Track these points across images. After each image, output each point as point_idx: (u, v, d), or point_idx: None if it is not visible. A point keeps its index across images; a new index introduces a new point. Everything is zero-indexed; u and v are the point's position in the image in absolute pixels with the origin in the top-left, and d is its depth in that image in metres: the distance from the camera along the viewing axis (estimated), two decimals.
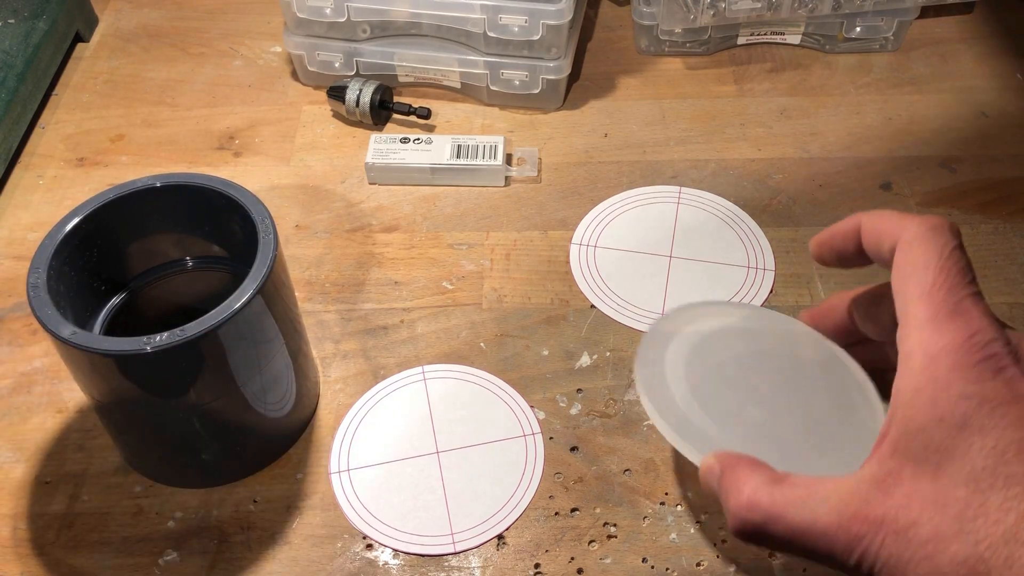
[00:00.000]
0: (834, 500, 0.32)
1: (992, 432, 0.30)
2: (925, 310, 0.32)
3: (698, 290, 0.57)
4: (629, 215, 0.62)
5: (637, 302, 0.56)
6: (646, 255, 0.59)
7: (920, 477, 0.31)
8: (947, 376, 0.31)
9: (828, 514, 0.32)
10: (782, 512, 0.33)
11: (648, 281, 0.58)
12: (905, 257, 0.34)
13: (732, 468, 0.36)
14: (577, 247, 0.60)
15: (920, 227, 0.34)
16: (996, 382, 0.30)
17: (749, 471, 0.35)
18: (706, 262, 0.59)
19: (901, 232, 0.35)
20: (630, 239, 0.60)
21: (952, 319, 0.31)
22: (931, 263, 0.33)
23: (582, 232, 0.61)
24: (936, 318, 0.32)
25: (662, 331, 0.46)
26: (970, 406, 0.30)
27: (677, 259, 0.59)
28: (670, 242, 0.60)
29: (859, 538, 0.31)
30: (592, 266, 0.59)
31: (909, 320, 0.33)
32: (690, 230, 0.61)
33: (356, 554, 0.47)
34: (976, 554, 0.29)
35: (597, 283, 0.58)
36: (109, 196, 0.46)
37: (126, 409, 0.45)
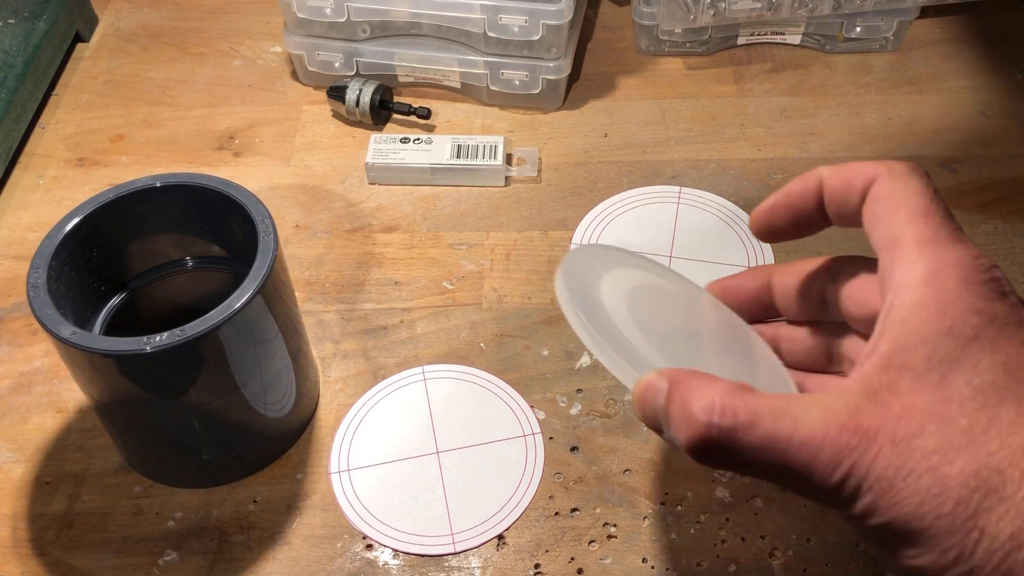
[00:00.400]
0: (819, 409, 0.28)
1: (1003, 348, 0.28)
2: (924, 230, 0.30)
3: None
4: (629, 215, 0.62)
5: None
6: (647, 255, 0.59)
7: (920, 389, 0.28)
8: (956, 288, 0.29)
9: (812, 423, 0.28)
10: (756, 418, 0.28)
11: None
12: (888, 188, 0.32)
13: (684, 379, 0.30)
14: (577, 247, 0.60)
15: (898, 165, 0.32)
16: (1004, 303, 0.29)
17: (709, 380, 0.30)
18: (706, 262, 0.59)
19: (876, 172, 0.32)
20: (630, 239, 0.60)
21: (954, 242, 0.30)
22: (921, 192, 0.31)
23: (582, 232, 0.61)
24: (937, 238, 0.30)
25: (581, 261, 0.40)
26: (980, 321, 0.28)
27: (677, 259, 0.59)
28: (670, 242, 0.60)
29: (848, 449, 0.28)
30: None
31: (904, 241, 0.30)
32: (690, 230, 0.61)
33: (356, 554, 0.47)
34: (990, 465, 0.26)
35: None
36: (109, 196, 0.46)
37: (126, 409, 0.45)
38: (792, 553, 0.46)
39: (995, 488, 0.26)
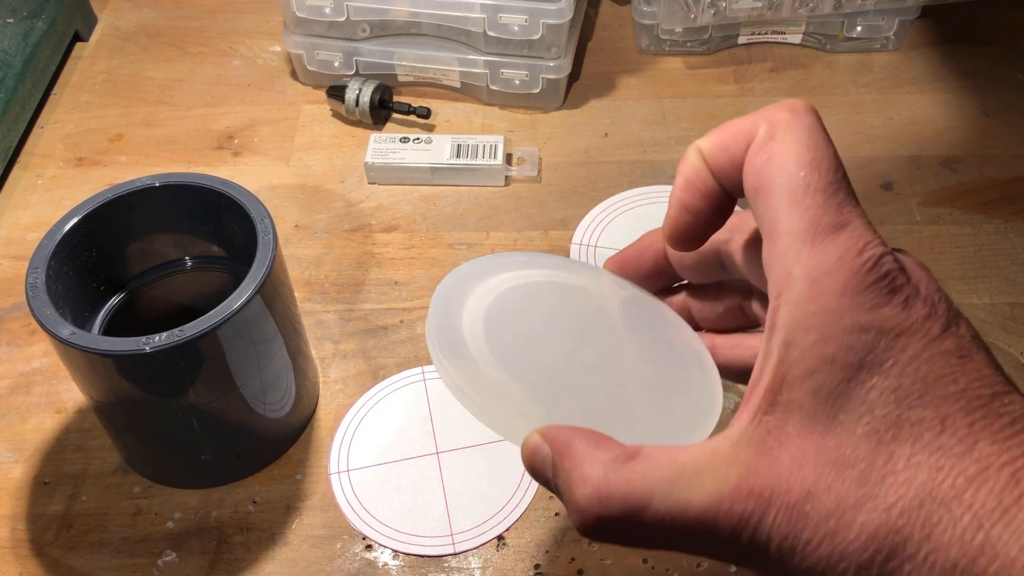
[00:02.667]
0: (708, 475, 0.26)
1: (892, 371, 0.24)
2: (800, 219, 0.26)
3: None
4: (629, 215, 0.62)
5: None
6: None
7: (810, 433, 0.25)
8: (837, 303, 0.25)
9: (704, 494, 0.25)
10: (645, 500, 0.26)
11: None
12: (764, 155, 0.27)
13: (567, 446, 0.28)
14: (577, 247, 0.60)
15: (775, 115, 0.28)
16: (893, 307, 0.25)
17: (591, 448, 0.27)
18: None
19: (754, 128, 0.28)
20: (630, 239, 0.60)
21: (836, 231, 0.25)
22: (800, 157, 0.26)
23: (582, 232, 0.61)
24: (816, 231, 0.25)
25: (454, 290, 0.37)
26: (866, 340, 0.25)
27: None
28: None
29: (745, 518, 0.25)
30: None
31: (781, 235, 0.26)
32: None
33: (356, 555, 0.46)
34: (888, 523, 0.24)
35: None
36: (108, 196, 0.46)
37: (125, 409, 0.45)
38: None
39: (896, 549, 0.24)
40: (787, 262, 0.26)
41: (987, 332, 0.54)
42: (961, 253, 0.59)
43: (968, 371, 0.25)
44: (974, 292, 0.57)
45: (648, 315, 0.37)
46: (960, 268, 0.58)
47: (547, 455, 0.28)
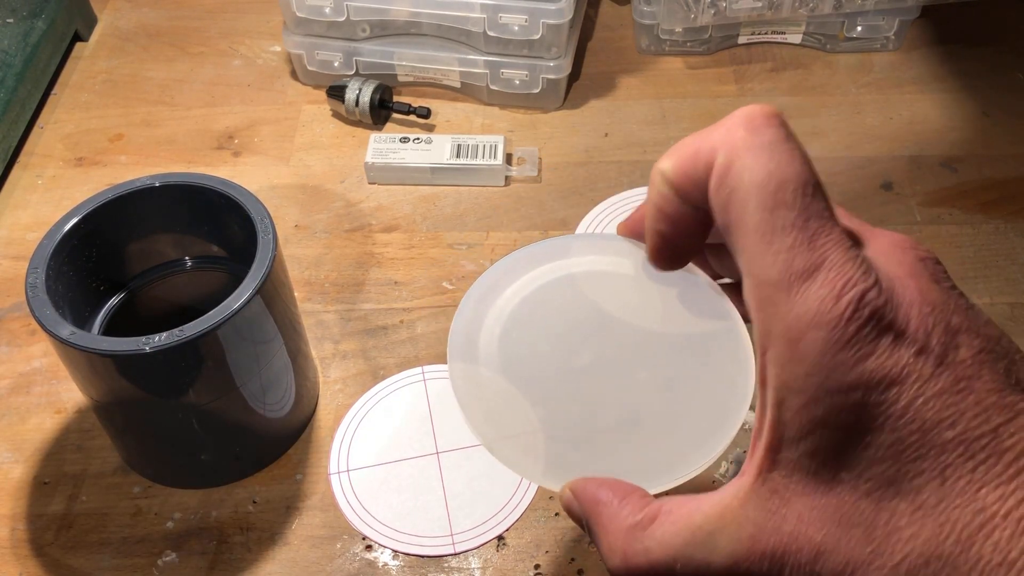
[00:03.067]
0: (723, 537, 0.26)
1: (887, 426, 0.24)
2: (772, 268, 0.24)
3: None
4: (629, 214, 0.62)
5: None
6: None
7: (812, 492, 0.25)
8: (819, 364, 0.24)
9: (720, 557, 0.26)
10: (668, 566, 0.27)
11: None
12: (725, 189, 0.25)
13: (595, 507, 0.30)
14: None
15: (731, 135, 0.25)
16: (878, 356, 0.23)
17: (615, 510, 0.29)
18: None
19: (712, 152, 0.26)
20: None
21: (810, 276, 0.24)
22: (762, 188, 0.24)
23: (582, 232, 0.61)
24: (789, 280, 0.24)
25: (471, 312, 0.37)
26: (855, 399, 0.24)
27: None
28: None
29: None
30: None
31: (754, 286, 0.25)
32: None
33: (355, 555, 0.46)
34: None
35: None
36: (108, 196, 0.46)
37: (125, 409, 0.45)
38: None
39: None
40: (766, 317, 0.25)
41: None
42: (961, 253, 0.59)
43: (966, 408, 0.23)
44: (974, 292, 0.56)
45: (671, 284, 0.35)
46: (960, 268, 0.58)
47: (579, 511, 0.30)
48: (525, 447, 0.34)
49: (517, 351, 0.35)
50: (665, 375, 0.35)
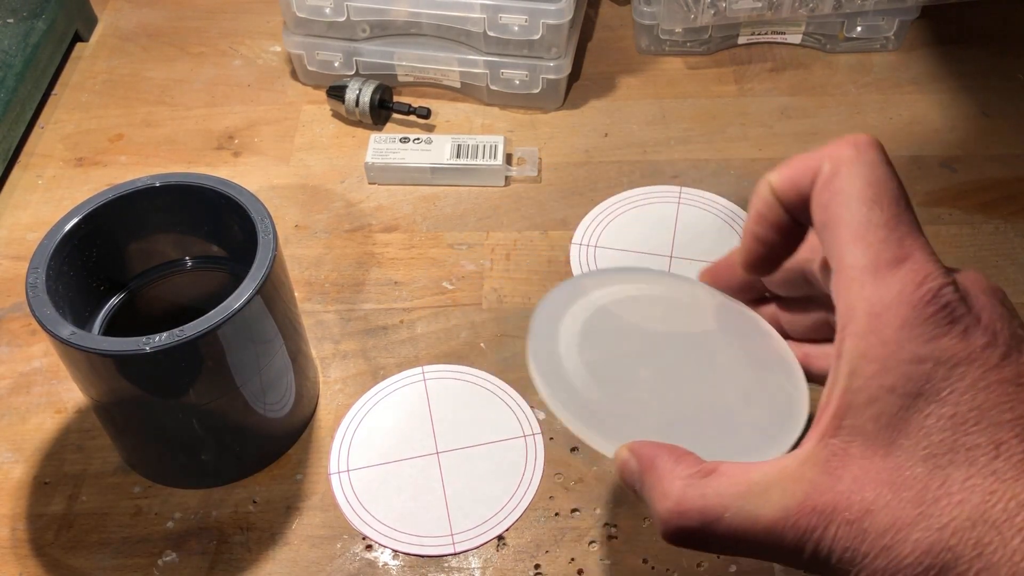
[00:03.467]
0: (776, 491, 0.28)
1: (950, 399, 0.26)
2: (863, 256, 0.28)
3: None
4: (629, 215, 0.62)
5: None
6: (647, 255, 0.59)
7: (871, 455, 0.27)
8: (897, 336, 0.26)
9: (771, 509, 0.28)
10: (718, 513, 0.29)
11: None
12: (828, 192, 0.29)
13: (651, 462, 0.31)
14: (577, 247, 0.60)
15: (839, 151, 0.29)
16: (951, 337, 0.26)
17: (672, 464, 0.31)
18: (707, 262, 0.58)
19: (819, 164, 0.30)
20: (631, 239, 0.60)
21: (896, 265, 0.27)
22: (862, 193, 0.28)
23: (582, 232, 0.61)
24: (877, 266, 0.27)
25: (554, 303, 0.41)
26: (924, 370, 0.26)
27: (678, 259, 0.59)
28: (671, 242, 0.60)
29: (808, 531, 0.27)
30: (592, 266, 0.59)
31: (845, 270, 0.28)
32: (691, 230, 0.60)
33: (356, 555, 0.46)
34: (941, 541, 0.25)
35: None
36: (108, 196, 0.46)
37: (125, 409, 0.45)
38: None
39: (948, 566, 0.25)
40: (851, 296, 0.28)
41: None
42: (961, 253, 0.59)
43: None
44: None
45: (740, 326, 0.40)
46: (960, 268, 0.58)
47: (635, 468, 0.32)
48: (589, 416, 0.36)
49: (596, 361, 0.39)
50: (722, 389, 0.38)
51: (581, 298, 0.42)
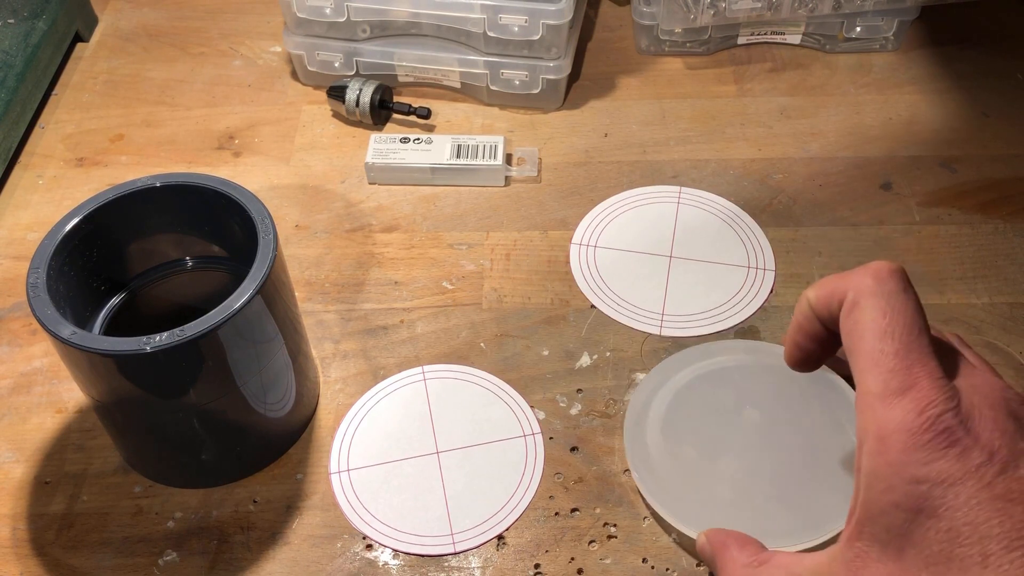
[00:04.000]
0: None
1: (945, 515, 0.30)
2: (875, 383, 0.32)
3: (699, 290, 0.57)
4: (629, 215, 0.62)
5: (637, 302, 0.56)
6: (646, 255, 0.59)
7: (886, 560, 0.32)
8: (899, 459, 0.31)
9: None
10: None
11: (648, 281, 0.58)
12: (850, 321, 0.34)
13: (721, 549, 0.39)
14: (577, 247, 0.60)
15: (860, 281, 0.33)
16: (947, 460, 0.30)
17: (736, 552, 0.39)
18: (706, 262, 0.59)
19: (844, 291, 0.34)
20: (630, 239, 0.60)
21: (902, 394, 0.31)
22: (876, 324, 0.32)
23: (582, 232, 0.61)
24: (886, 393, 0.31)
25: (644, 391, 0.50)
26: (922, 490, 0.30)
27: (677, 259, 0.59)
28: (670, 242, 0.60)
29: None
30: (592, 266, 0.59)
31: (862, 395, 0.33)
32: (690, 230, 0.61)
33: (356, 554, 0.47)
34: None
35: (597, 283, 0.58)
36: (109, 196, 0.46)
37: (126, 409, 0.45)
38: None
39: None
40: (865, 419, 0.32)
41: (986, 332, 0.54)
42: (960, 253, 0.59)
43: (1015, 514, 0.29)
44: (973, 292, 0.57)
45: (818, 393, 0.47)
46: (959, 268, 0.58)
47: (709, 553, 0.40)
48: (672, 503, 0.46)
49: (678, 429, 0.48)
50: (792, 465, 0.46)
51: (667, 382, 0.50)
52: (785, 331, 0.40)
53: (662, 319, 0.55)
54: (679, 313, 0.56)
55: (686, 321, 0.55)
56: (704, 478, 0.46)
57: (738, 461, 0.46)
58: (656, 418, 0.48)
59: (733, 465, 0.46)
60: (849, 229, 0.60)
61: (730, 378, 0.50)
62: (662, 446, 0.47)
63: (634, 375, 0.53)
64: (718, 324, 0.55)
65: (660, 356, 0.54)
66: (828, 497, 0.44)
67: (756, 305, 0.56)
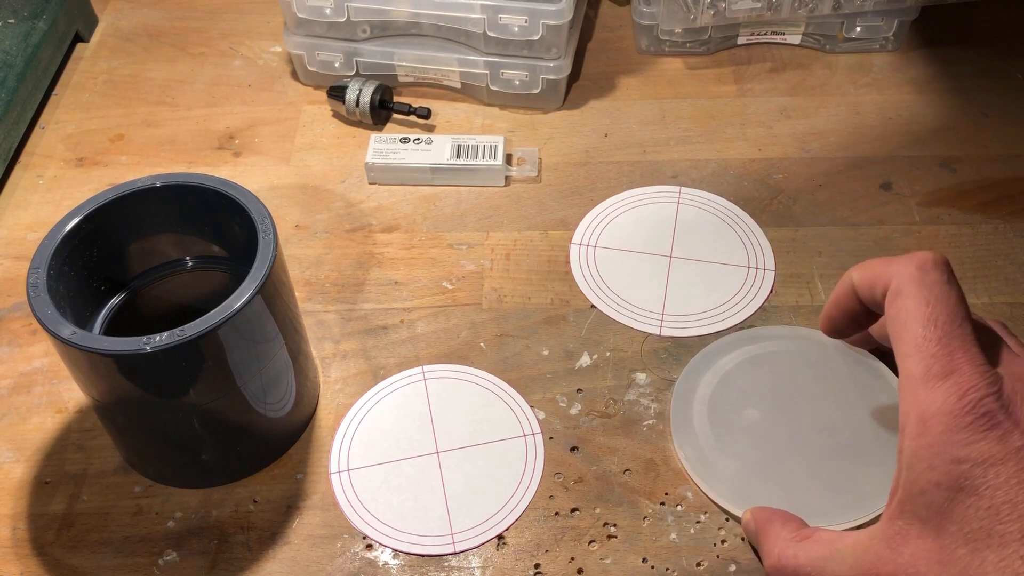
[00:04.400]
0: (850, 559, 0.35)
1: (985, 493, 0.31)
2: (917, 368, 0.33)
3: (698, 290, 0.57)
4: (629, 215, 0.62)
5: (637, 302, 0.56)
6: (646, 255, 0.59)
7: (925, 536, 0.33)
8: (940, 440, 0.32)
9: (845, 573, 0.35)
10: (807, 571, 0.37)
11: (648, 281, 0.58)
12: (895, 309, 0.35)
13: (765, 525, 0.41)
14: (577, 247, 0.60)
15: (905, 269, 0.35)
16: (988, 441, 0.31)
17: (779, 528, 0.40)
18: (706, 262, 0.59)
19: (889, 278, 0.36)
20: (630, 239, 0.60)
21: (944, 378, 0.32)
22: (920, 312, 0.34)
23: (582, 232, 0.61)
24: (928, 377, 0.33)
25: (688, 378, 0.51)
26: (963, 470, 0.31)
27: (677, 259, 0.59)
28: (670, 242, 0.60)
29: None
30: (592, 266, 0.59)
31: (904, 378, 0.34)
32: (690, 230, 0.61)
33: (356, 554, 0.47)
34: None
35: (597, 283, 0.58)
36: (109, 196, 0.46)
37: (126, 409, 0.45)
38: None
39: None
40: (907, 402, 0.33)
41: None
42: (960, 253, 0.59)
43: None
44: (972, 292, 0.57)
45: (857, 376, 0.48)
46: (959, 268, 0.58)
47: (754, 529, 0.42)
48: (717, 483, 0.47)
49: (725, 411, 0.49)
50: (834, 445, 0.47)
51: (710, 368, 0.51)
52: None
53: (662, 319, 0.55)
54: (679, 313, 0.56)
55: (686, 321, 0.55)
56: (750, 458, 0.47)
57: (783, 442, 0.48)
58: (702, 401, 0.50)
59: (778, 446, 0.47)
60: (849, 229, 0.60)
61: (775, 361, 0.51)
62: (708, 428, 0.49)
63: (634, 375, 0.53)
64: (718, 324, 0.55)
65: (660, 356, 0.54)
66: (869, 478, 0.45)
67: (756, 305, 0.56)
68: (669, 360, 0.54)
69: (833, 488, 0.45)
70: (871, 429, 0.47)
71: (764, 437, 0.48)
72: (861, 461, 0.46)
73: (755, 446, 0.48)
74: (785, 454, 0.47)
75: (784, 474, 0.46)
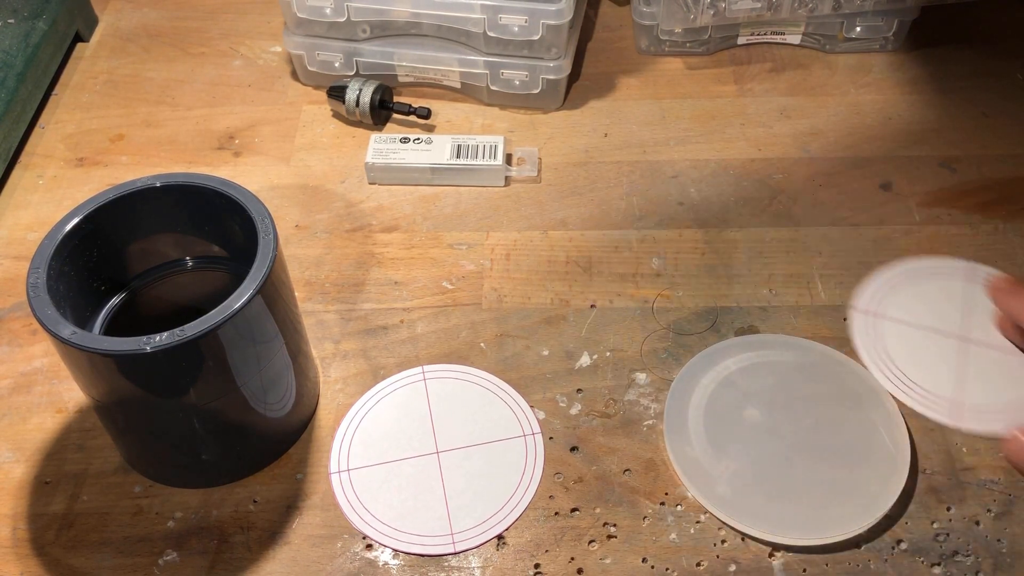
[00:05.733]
0: None
1: None
2: None
3: (1002, 383, 0.52)
4: (915, 288, 0.56)
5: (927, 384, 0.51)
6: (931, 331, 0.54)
7: None
8: None
9: None
10: None
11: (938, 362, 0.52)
12: None
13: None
14: (862, 314, 0.55)
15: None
16: None
17: None
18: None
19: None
20: (917, 310, 0.55)
21: None
22: None
23: (867, 298, 0.55)
24: None
25: (684, 380, 0.52)
26: None
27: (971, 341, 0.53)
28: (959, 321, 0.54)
29: None
30: (878, 337, 0.54)
31: None
32: (983, 310, 0.54)
33: (356, 554, 0.47)
34: None
35: (883, 359, 0.53)
36: (109, 196, 0.46)
37: (126, 409, 0.45)
38: (792, 553, 0.46)
39: None
40: None
41: None
42: (959, 253, 0.59)
43: None
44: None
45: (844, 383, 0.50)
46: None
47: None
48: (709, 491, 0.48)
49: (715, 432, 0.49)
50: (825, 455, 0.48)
51: (706, 373, 0.52)
52: (785, 331, 0.40)
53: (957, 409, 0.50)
54: (977, 403, 0.50)
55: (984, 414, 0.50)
56: (743, 466, 0.48)
57: (777, 451, 0.48)
58: (697, 407, 0.50)
59: (773, 454, 0.48)
60: (849, 229, 0.60)
61: (768, 372, 0.51)
62: (704, 436, 0.49)
63: (634, 375, 0.53)
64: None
65: (660, 356, 0.54)
66: (866, 485, 0.46)
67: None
68: (669, 360, 0.54)
69: (823, 502, 0.46)
70: (862, 437, 0.48)
71: (758, 445, 0.48)
72: (853, 471, 0.47)
73: (748, 454, 0.48)
74: (779, 463, 0.48)
75: (778, 484, 0.47)
